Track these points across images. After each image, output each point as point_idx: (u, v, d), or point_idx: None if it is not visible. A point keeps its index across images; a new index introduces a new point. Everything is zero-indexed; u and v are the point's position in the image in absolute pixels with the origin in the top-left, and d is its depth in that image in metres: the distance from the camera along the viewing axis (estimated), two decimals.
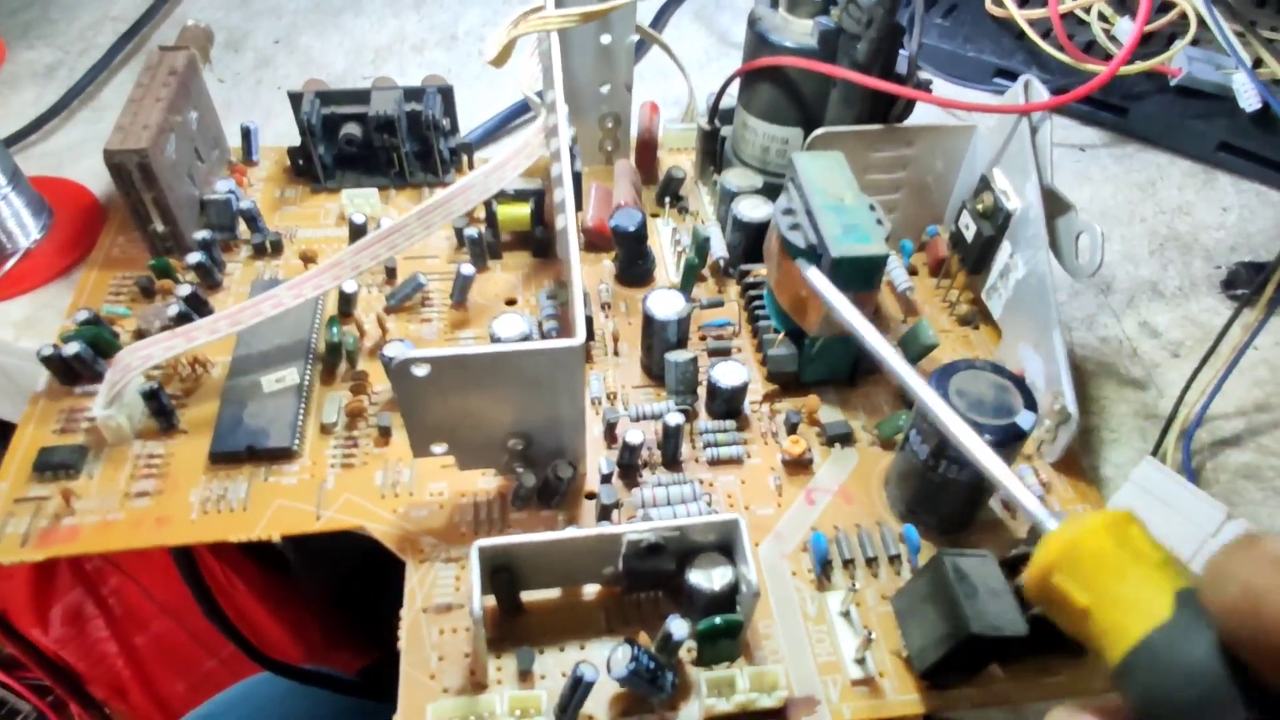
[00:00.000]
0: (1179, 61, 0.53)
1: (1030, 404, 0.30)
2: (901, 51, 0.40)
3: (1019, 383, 0.31)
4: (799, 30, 0.41)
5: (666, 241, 0.45)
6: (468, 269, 0.40)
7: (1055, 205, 0.37)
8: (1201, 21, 0.53)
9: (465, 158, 0.49)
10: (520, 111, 0.54)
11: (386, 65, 0.59)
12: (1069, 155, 0.55)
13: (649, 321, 0.37)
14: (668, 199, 0.46)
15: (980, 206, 0.39)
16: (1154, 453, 0.37)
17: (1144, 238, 0.49)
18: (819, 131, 0.39)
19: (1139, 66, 0.53)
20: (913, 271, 0.45)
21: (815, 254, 0.34)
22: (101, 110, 0.55)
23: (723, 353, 0.39)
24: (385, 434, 0.36)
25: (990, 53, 0.58)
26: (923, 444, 0.31)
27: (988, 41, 0.59)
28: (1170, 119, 0.53)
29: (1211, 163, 0.53)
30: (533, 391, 0.31)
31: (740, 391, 0.36)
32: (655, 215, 0.47)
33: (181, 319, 0.38)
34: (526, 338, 0.36)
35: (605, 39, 0.45)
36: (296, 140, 0.46)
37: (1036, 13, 0.57)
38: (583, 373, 0.30)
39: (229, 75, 0.58)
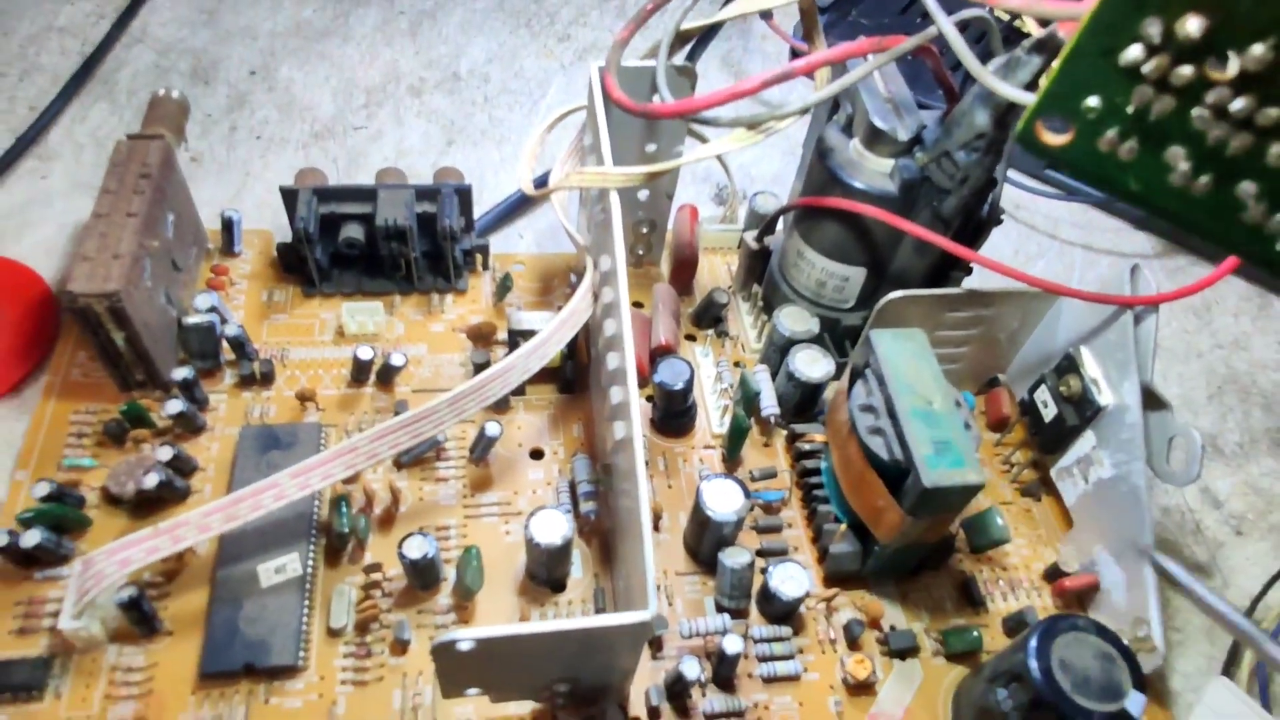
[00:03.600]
0: None
1: (1139, 682, 0.28)
2: None
3: (1123, 650, 0.28)
4: (875, 169, 0.36)
5: (707, 378, 0.41)
6: (493, 428, 0.35)
7: (1149, 400, 0.34)
8: None
9: (480, 258, 0.43)
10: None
11: (381, 111, 0.53)
12: (1120, 265, 0.51)
13: (704, 516, 0.33)
14: (711, 331, 0.42)
15: (1064, 389, 0.36)
16: (1226, 669, 0.35)
17: (1201, 377, 0.46)
18: (894, 296, 0.35)
19: None
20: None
21: (900, 469, 0.31)
22: (50, 160, 0.48)
23: (780, 552, 0.35)
24: (403, 645, 0.32)
25: None
26: (1013, 707, 0.29)
27: None
28: None
29: (1267, 285, 0.51)
30: (589, 652, 0.27)
31: (801, 600, 0.33)
32: (691, 338, 0.43)
33: (163, 489, 0.33)
34: (568, 542, 0.32)
35: (650, 147, 0.39)
36: (281, 209, 0.40)
37: None
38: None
39: (199, 115, 0.51)
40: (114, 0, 0.56)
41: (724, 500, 0.33)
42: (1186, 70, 0.17)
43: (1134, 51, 0.17)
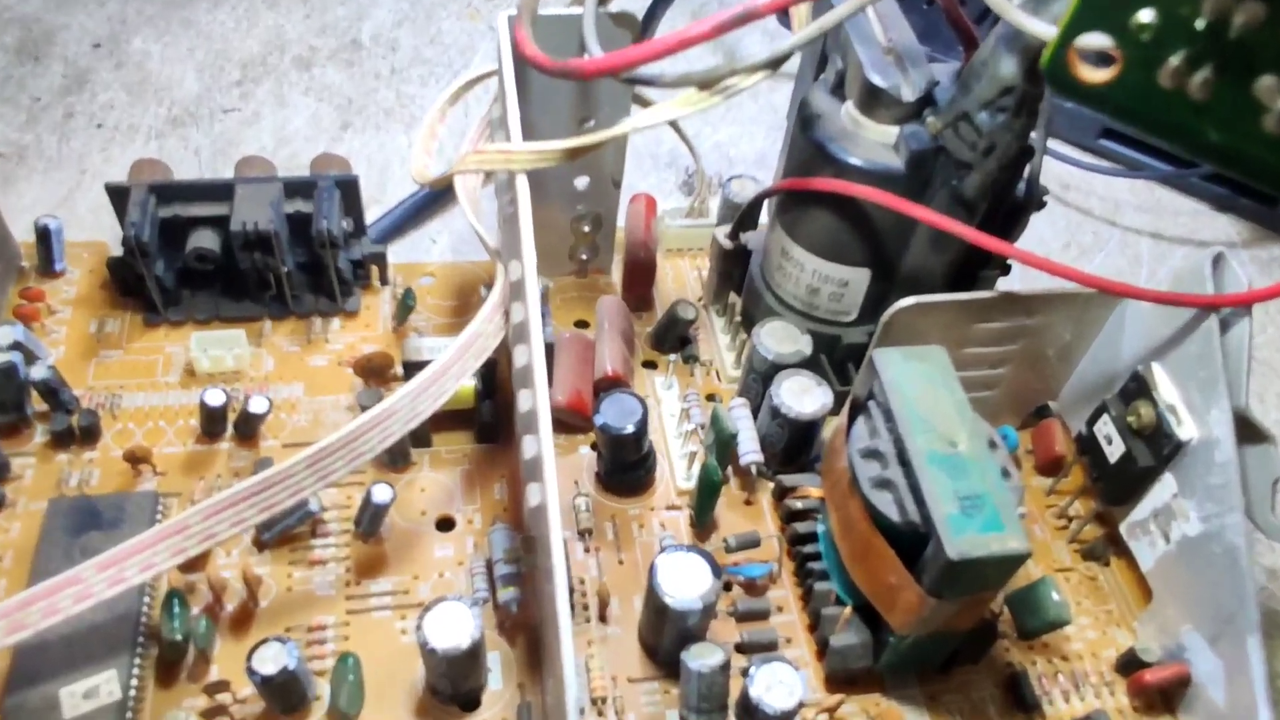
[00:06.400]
0: None
1: None
2: None
3: None
4: (875, 139, 0.33)
5: (670, 416, 0.38)
6: (382, 493, 0.32)
7: (1244, 431, 0.31)
8: None
9: (376, 271, 0.40)
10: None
11: (259, 90, 0.50)
12: (1199, 256, 0.49)
13: (660, 603, 0.30)
14: (675, 356, 0.39)
15: (1133, 420, 0.33)
16: None
17: None
18: (905, 304, 0.32)
19: None
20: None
21: (917, 534, 0.28)
22: None
23: (767, 647, 0.32)
24: None
25: None
26: None
27: None
28: None
29: None
30: None
31: (794, 712, 0.29)
32: (650, 364, 0.40)
33: None
34: (477, 645, 0.28)
35: (588, 123, 0.37)
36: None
37: None
38: None
39: (24, 100, 0.48)
40: None
41: (685, 581, 0.30)
42: None
43: None
